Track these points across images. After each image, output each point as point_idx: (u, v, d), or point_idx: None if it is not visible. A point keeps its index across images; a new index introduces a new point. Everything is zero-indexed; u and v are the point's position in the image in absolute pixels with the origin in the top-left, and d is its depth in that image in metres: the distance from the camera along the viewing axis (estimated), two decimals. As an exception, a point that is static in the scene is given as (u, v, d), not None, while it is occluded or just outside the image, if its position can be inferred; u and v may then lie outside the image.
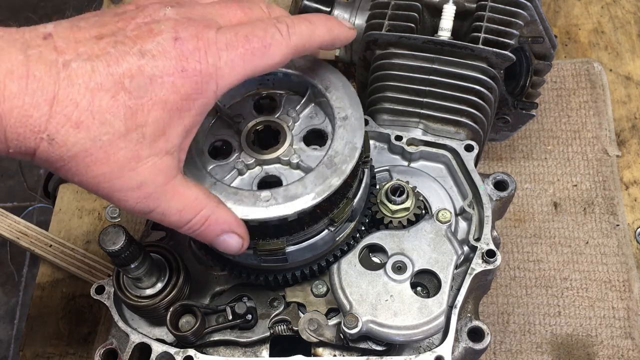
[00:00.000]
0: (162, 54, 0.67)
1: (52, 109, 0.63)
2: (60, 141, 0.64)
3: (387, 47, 1.11)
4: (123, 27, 0.69)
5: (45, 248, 1.45)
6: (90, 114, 0.64)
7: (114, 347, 0.92)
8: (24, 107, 0.62)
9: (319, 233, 0.86)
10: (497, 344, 1.29)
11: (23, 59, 0.63)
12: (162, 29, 0.69)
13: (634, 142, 1.49)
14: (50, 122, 0.63)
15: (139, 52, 0.67)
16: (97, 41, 0.66)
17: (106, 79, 0.65)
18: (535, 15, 1.13)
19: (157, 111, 0.68)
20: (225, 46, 0.70)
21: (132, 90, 0.66)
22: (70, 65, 0.64)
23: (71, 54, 0.65)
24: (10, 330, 2.66)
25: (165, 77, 0.67)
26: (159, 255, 0.91)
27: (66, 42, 0.66)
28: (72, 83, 0.64)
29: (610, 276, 1.34)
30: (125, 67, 0.66)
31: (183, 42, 0.68)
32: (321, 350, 0.92)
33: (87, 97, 0.64)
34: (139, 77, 0.66)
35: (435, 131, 1.08)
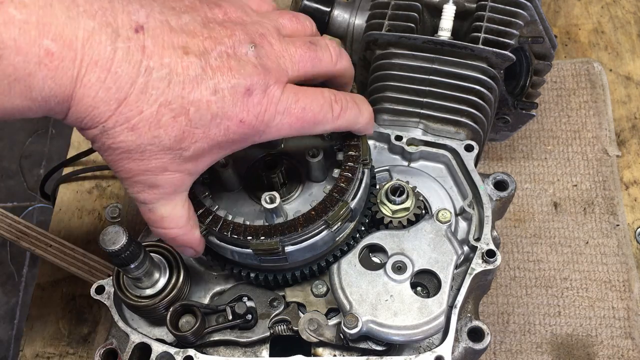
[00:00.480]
0: (231, 98, 0.71)
1: (119, 109, 0.66)
2: (111, 135, 0.68)
3: (387, 47, 1.11)
4: (209, 50, 0.71)
5: (45, 248, 1.45)
6: (149, 124, 0.68)
7: (114, 347, 0.92)
8: (95, 99, 0.65)
9: (318, 234, 0.86)
10: (497, 344, 1.29)
11: (110, 51, 0.65)
12: (242, 73, 0.72)
13: (634, 142, 1.49)
14: (111, 118, 0.67)
15: (214, 87, 0.70)
16: (182, 56, 0.69)
17: (176, 100, 0.68)
18: (535, 15, 1.13)
19: (203, 144, 0.72)
20: (282, 110, 0.75)
21: (193, 119, 0.70)
22: (152, 73, 0.67)
23: (156, 62, 0.67)
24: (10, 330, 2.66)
25: (225, 120, 0.71)
26: (159, 255, 0.92)
27: (154, 44, 0.67)
28: (146, 91, 0.67)
29: (610, 276, 1.34)
30: (196, 96, 0.69)
31: (252, 94, 0.72)
32: (321, 350, 0.92)
33: (153, 109, 0.68)
34: (204, 111, 0.70)
35: (435, 131, 1.08)
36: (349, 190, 0.86)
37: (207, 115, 0.70)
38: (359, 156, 0.89)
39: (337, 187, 0.87)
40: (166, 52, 0.68)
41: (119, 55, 0.65)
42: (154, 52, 0.67)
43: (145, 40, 0.67)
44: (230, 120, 0.71)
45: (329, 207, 0.85)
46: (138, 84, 0.66)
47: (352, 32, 1.22)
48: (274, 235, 0.84)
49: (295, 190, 0.93)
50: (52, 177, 1.59)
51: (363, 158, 0.89)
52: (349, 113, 0.82)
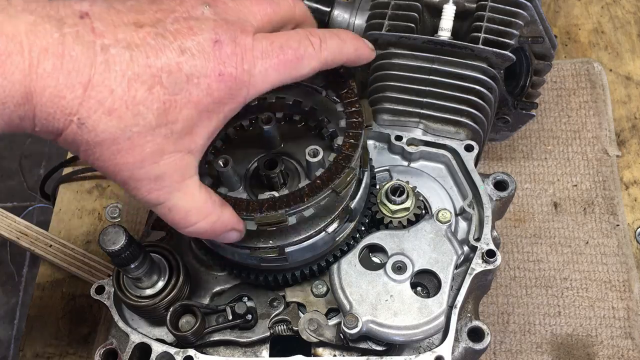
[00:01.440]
0: (201, 54, 0.67)
1: (86, 92, 0.62)
2: (90, 126, 0.63)
3: (387, 47, 1.11)
4: (162, 19, 0.68)
5: (45, 248, 1.45)
6: (125, 103, 0.63)
7: (114, 347, 0.92)
8: (58, 87, 0.61)
9: (319, 233, 0.86)
10: (497, 344, 1.29)
11: (59, 37, 0.61)
12: (203, 28, 0.68)
13: (634, 142, 1.49)
14: (82, 106, 0.62)
15: (178, 48, 0.66)
16: (136, 29, 0.65)
17: (144, 70, 0.64)
18: (535, 15, 1.13)
19: (189, 110, 0.68)
20: (260, 54, 0.71)
21: (168, 86, 0.66)
22: (108, 50, 0.63)
23: (110, 39, 0.64)
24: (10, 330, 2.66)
25: (202, 78, 0.67)
26: (159, 255, 0.91)
27: (104, 25, 0.64)
28: (109, 69, 0.63)
29: (610, 276, 1.34)
30: (164, 61, 0.65)
31: (222, 45, 0.68)
32: (321, 350, 0.92)
33: (123, 85, 0.63)
34: (177, 74, 0.66)
35: (435, 131, 1.08)
36: (354, 157, 0.84)
37: (182, 77, 0.66)
38: (361, 122, 0.86)
39: (342, 154, 0.84)
40: (118, 30, 0.64)
41: (69, 39, 0.61)
42: (106, 31, 0.64)
43: (93, 23, 0.64)
44: (208, 77, 0.67)
45: (335, 175, 0.82)
46: (98, 63, 0.62)
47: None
48: (279, 207, 0.80)
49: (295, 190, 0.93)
50: (52, 177, 1.59)
51: (367, 124, 0.87)
52: (330, 43, 0.78)
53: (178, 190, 0.71)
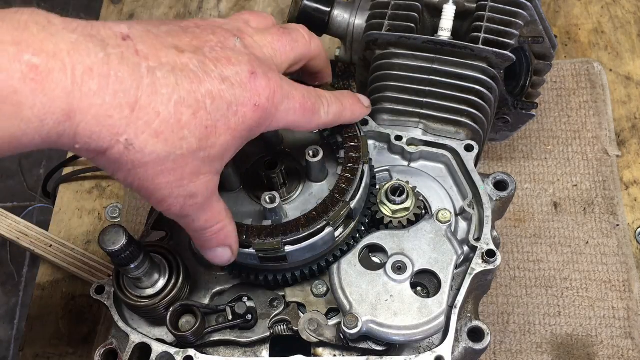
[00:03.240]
0: (240, 85, 0.70)
1: (134, 113, 0.63)
2: (137, 147, 0.64)
3: (387, 47, 1.11)
4: (200, 47, 0.70)
5: (45, 248, 1.45)
6: (171, 126, 0.65)
7: (114, 347, 0.92)
8: (104, 107, 0.61)
9: (319, 233, 0.86)
10: (497, 344, 1.29)
11: (104, 57, 0.61)
12: (240, 60, 0.71)
13: (634, 142, 1.49)
14: (130, 127, 0.63)
15: (219, 76, 0.69)
16: (177, 54, 0.67)
17: (189, 95, 0.66)
18: (535, 15, 1.13)
19: (226, 136, 0.70)
20: (287, 94, 0.76)
21: (212, 112, 0.68)
22: (155, 73, 0.64)
23: (154, 62, 0.65)
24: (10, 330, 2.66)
25: (240, 107, 0.70)
26: (159, 255, 0.91)
27: (147, 48, 0.65)
28: (155, 92, 0.64)
29: (610, 276, 1.34)
30: (207, 87, 0.67)
31: (257, 78, 0.72)
32: (321, 350, 0.92)
33: (170, 109, 0.65)
34: (219, 101, 0.68)
35: (435, 131, 1.08)
36: (349, 191, 0.87)
37: (224, 105, 0.69)
38: (359, 157, 0.89)
39: (338, 187, 0.87)
40: (161, 53, 0.66)
41: (115, 60, 0.62)
42: (149, 53, 0.65)
43: (136, 45, 0.65)
44: (246, 107, 0.71)
45: (330, 208, 0.86)
46: (145, 85, 0.63)
47: (352, 32, 1.22)
48: (275, 235, 0.84)
49: (295, 190, 0.93)
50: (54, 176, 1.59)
51: (364, 159, 0.89)
52: (333, 108, 0.85)
53: (204, 204, 0.74)
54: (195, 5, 1.81)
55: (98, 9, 1.85)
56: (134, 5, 1.83)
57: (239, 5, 1.80)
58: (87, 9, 3.24)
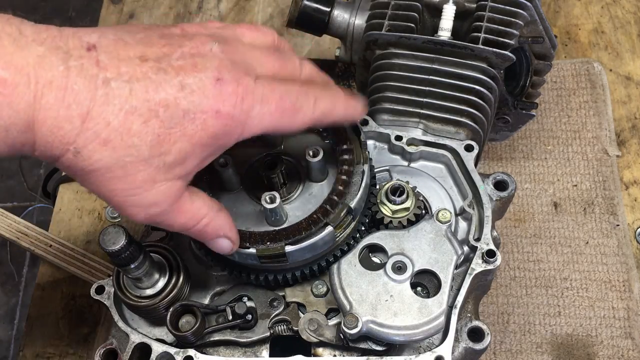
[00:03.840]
0: (201, 91, 0.69)
1: (84, 124, 0.65)
2: (85, 155, 0.66)
3: (387, 47, 1.11)
4: (169, 54, 0.70)
5: (45, 248, 1.45)
6: (120, 135, 0.66)
7: (114, 347, 0.92)
8: (57, 119, 0.64)
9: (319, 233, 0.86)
10: (497, 344, 1.29)
11: (64, 70, 0.64)
12: (207, 66, 0.70)
13: (634, 142, 1.49)
14: (79, 136, 0.65)
15: (179, 84, 0.68)
16: (140, 63, 0.68)
17: (142, 104, 0.67)
18: (535, 15, 1.13)
19: (183, 143, 0.70)
20: (260, 98, 0.73)
21: (164, 120, 0.68)
22: (109, 84, 0.66)
23: (112, 72, 0.66)
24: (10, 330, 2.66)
25: (199, 114, 0.69)
26: (159, 255, 0.91)
27: (109, 58, 0.67)
28: (107, 102, 0.65)
29: (610, 276, 1.34)
30: (162, 95, 0.68)
31: (223, 84, 0.70)
32: (321, 350, 0.92)
33: (120, 118, 0.66)
34: (174, 109, 0.68)
35: (435, 131, 1.08)
36: (347, 193, 0.87)
37: (179, 112, 0.68)
38: (353, 159, 0.90)
39: (336, 190, 0.87)
40: (122, 63, 0.67)
41: (73, 72, 0.64)
42: (109, 64, 0.66)
43: (98, 56, 0.66)
44: (205, 113, 0.69)
45: (329, 210, 0.86)
46: (98, 96, 0.65)
47: (352, 32, 1.22)
48: (278, 240, 0.85)
49: (295, 190, 0.93)
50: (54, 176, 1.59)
51: (357, 161, 0.89)
52: (322, 104, 0.80)
53: (172, 210, 0.74)
54: (195, 5, 1.81)
55: (98, 9, 1.86)
56: (134, 5, 1.83)
57: (239, 5, 1.80)
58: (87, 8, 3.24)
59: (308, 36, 1.64)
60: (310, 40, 1.67)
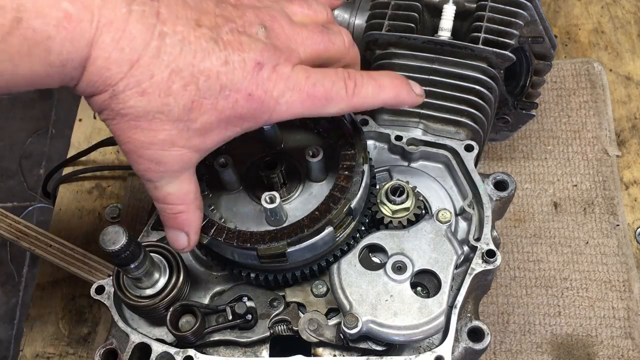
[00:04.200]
0: (240, 71, 0.71)
1: (131, 70, 0.66)
2: (121, 100, 0.67)
3: (387, 47, 1.11)
4: (220, 25, 0.71)
5: (45, 248, 1.45)
6: (159, 90, 0.67)
7: (114, 347, 0.92)
8: (108, 60, 0.65)
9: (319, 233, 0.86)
10: (497, 344, 1.29)
11: (125, 12, 0.65)
12: (252, 47, 0.72)
13: (634, 142, 1.49)
14: (122, 81, 0.66)
15: (224, 58, 0.70)
16: (195, 27, 0.69)
17: (187, 67, 0.68)
18: (535, 15, 1.13)
19: (211, 116, 0.71)
20: (292, 87, 0.74)
21: (202, 89, 0.69)
22: (165, 38, 0.67)
23: (169, 28, 0.67)
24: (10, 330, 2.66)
25: (233, 92, 0.71)
26: (159, 255, 0.91)
27: (169, 13, 0.68)
28: (158, 55, 0.66)
29: (610, 276, 1.34)
30: (207, 65, 0.69)
31: (262, 68, 0.72)
32: (321, 350, 0.92)
33: (165, 74, 0.67)
34: (213, 81, 0.70)
35: (435, 131, 1.08)
36: (349, 188, 0.87)
37: (216, 86, 0.70)
38: (354, 154, 0.89)
39: (338, 185, 0.87)
40: (180, 22, 0.68)
41: (134, 17, 0.65)
42: (168, 19, 0.67)
43: (160, 7, 0.67)
44: (239, 93, 0.71)
45: (331, 207, 0.86)
46: (151, 47, 0.66)
47: (352, 32, 1.22)
48: (280, 239, 0.84)
49: (295, 190, 0.93)
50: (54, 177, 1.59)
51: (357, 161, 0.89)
52: (365, 90, 0.80)
53: (171, 177, 0.75)
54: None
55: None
56: None
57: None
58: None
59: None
60: (310, 40, 1.67)
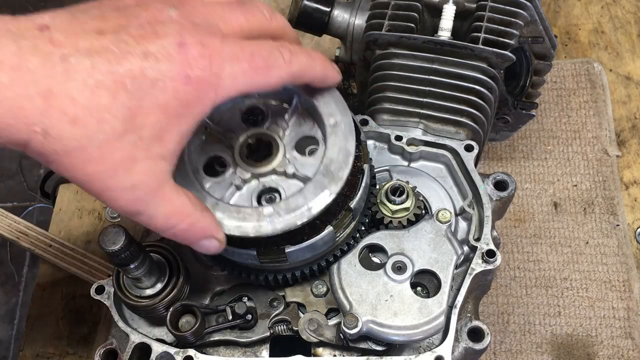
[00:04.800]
0: (166, 58, 0.66)
1: (48, 102, 0.61)
2: (55, 135, 0.63)
3: (387, 47, 1.11)
4: (126, 25, 0.67)
5: (45, 248, 1.45)
6: (89, 111, 0.63)
7: (114, 347, 0.92)
8: (16, 99, 0.61)
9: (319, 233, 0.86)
10: (497, 344, 1.29)
11: (15, 49, 0.61)
12: (167, 32, 0.67)
13: (634, 142, 1.49)
14: (45, 116, 0.62)
15: (142, 53, 0.65)
16: (97, 36, 0.65)
17: (106, 77, 0.63)
18: (535, 15, 1.13)
19: (157, 115, 0.67)
20: (229, 58, 0.70)
21: (133, 91, 0.65)
22: (68, 59, 0.62)
23: (69, 48, 0.63)
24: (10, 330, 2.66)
25: (168, 81, 0.66)
26: (159, 255, 0.91)
27: (64, 35, 0.64)
28: (69, 78, 0.62)
29: (610, 276, 1.34)
30: (127, 67, 0.64)
31: (188, 48, 0.67)
32: (321, 350, 0.92)
33: (86, 93, 0.63)
34: (141, 79, 0.65)
35: (435, 131, 1.08)
36: (351, 198, 0.86)
37: (146, 82, 0.65)
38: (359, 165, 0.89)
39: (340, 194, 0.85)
40: (79, 38, 0.64)
41: (26, 51, 0.61)
42: (65, 41, 0.63)
43: (52, 34, 0.63)
44: (174, 80, 0.66)
45: (333, 215, 0.85)
46: (57, 73, 0.62)
47: (352, 32, 1.22)
48: (280, 243, 0.84)
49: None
50: (52, 177, 1.59)
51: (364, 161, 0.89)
52: (300, 58, 0.77)
53: (155, 197, 0.70)
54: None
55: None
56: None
57: (239, 5, 1.79)
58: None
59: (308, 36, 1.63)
60: (310, 40, 1.67)
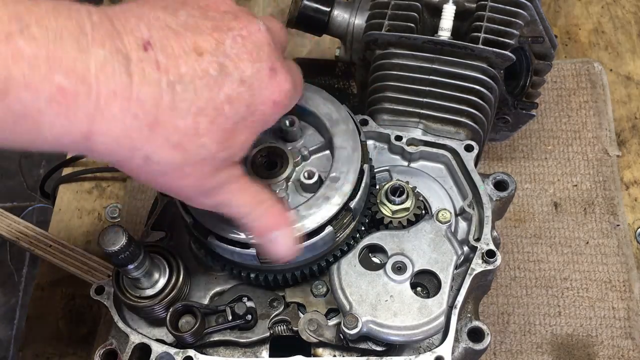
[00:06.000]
0: (259, 83, 0.70)
1: (153, 131, 0.63)
2: (155, 160, 0.65)
3: (387, 47, 1.11)
4: (221, 41, 0.68)
5: (45, 248, 1.45)
6: (189, 137, 0.65)
7: (113, 347, 0.92)
8: (125, 130, 0.62)
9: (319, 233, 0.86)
10: (497, 344, 1.29)
11: (126, 79, 0.61)
12: (261, 55, 0.70)
13: (634, 142, 1.49)
14: (148, 143, 0.64)
15: (239, 78, 0.68)
16: (197, 58, 0.66)
17: (207, 103, 0.66)
18: (535, 15, 1.13)
19: (245, 135, 0.71)
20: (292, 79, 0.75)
21: (230, 116, 0.68)
22: (174, 88, 0.64)
23: (174, 74, 0.64)
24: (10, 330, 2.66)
25: (259, 105, 0.70)
26: (158, 255, 0.91)
27: (166, 57, 0.64)
28: (174, 106, 0.64)
29: (610, 276, 1.34)
30: (226, 92, 0.67)
31: (276, 73, 0.71)
32: (321, 351, 0.92)
33: (188, 120, 0.65)
34: (237, 104, 0.68)
35: (435, 131, 1.08)
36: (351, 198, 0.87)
37: (242, 107, 0.69)
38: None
39: None
40: (181, 61, 0.65)
41: (136, 80, 0.61)
42: (169, 64, 0.64)
43: (156, 56, 0.63)
44: (264, 105, 0.71)
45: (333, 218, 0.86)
46: (165, 102, 0.63)
47: (352, 32, 1.22)
48: None
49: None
50: (52, 177, 1.59)
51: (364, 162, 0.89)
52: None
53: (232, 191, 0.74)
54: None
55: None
56: (133, 5, 1.82)
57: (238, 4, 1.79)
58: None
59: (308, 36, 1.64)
60: (310, 40, 1.67)
